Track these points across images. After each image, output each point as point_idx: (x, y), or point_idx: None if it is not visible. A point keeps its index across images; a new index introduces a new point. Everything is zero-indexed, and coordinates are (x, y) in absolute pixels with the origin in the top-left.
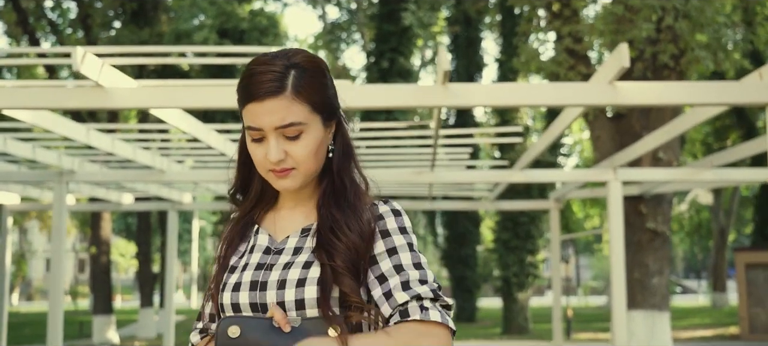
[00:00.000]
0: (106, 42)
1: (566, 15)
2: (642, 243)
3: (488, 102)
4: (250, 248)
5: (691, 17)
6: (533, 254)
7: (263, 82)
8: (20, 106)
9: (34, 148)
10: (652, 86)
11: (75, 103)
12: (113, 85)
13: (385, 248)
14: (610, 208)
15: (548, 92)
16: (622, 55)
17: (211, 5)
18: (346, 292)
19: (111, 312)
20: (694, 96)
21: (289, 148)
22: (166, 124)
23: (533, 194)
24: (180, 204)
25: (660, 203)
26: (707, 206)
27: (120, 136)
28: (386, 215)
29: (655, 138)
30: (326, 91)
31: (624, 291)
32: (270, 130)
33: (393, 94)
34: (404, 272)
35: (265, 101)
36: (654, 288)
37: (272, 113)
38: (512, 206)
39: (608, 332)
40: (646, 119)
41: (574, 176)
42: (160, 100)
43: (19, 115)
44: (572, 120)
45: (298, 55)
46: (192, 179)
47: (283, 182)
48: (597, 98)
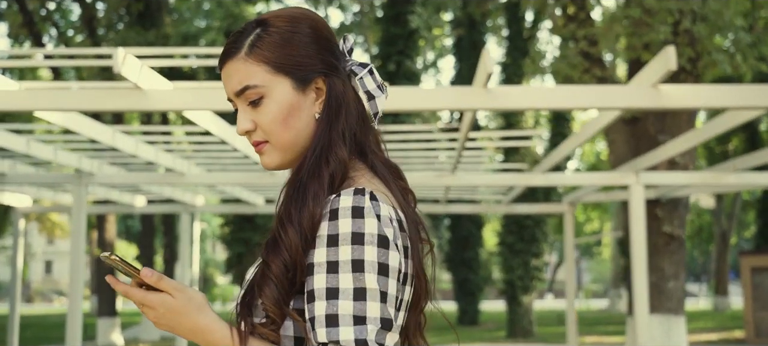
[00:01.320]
0: (111, 44)
1: (581, 18)
2: (658, 247)
3: (529, 105)
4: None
5: (708, 20)
6: (538, 257)
7: (225, 46)
8: (57, 107)
9: (56, 151)
10: (697, 89)
11: (113, 104)
12: (151, 86)
13: (325, 258)
14: (632, 212)
15: (589, 95)
16: (669, 57)
17: (218, 7)
18: (263, 302)
19: (115, 314)
20: (739, 99)
21: (254, 117)
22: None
23: (538, 198)
24: (193, 207)
25: (676, 207)
26: (709, 210)
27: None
28: (342, 214)
29: (682, 142)
30: (296, 48)
31: (646, 295)
32: (233, 97)
33: (433, 97)
34: (335, 300)
35: (224, 66)
36: (670, 292)
37: (229, 78)
38: (527, 210)
39: (614, 336)
40: (662, 123)
41: (595, 179)
42: (196, 101)
43: (51, 116)
44: (607, 123)
45: (275, 13)
46: (210, 181)
47: (262, 158)
48: (640, 101)
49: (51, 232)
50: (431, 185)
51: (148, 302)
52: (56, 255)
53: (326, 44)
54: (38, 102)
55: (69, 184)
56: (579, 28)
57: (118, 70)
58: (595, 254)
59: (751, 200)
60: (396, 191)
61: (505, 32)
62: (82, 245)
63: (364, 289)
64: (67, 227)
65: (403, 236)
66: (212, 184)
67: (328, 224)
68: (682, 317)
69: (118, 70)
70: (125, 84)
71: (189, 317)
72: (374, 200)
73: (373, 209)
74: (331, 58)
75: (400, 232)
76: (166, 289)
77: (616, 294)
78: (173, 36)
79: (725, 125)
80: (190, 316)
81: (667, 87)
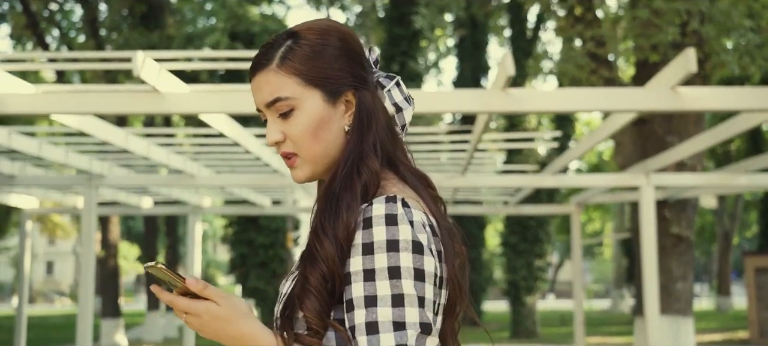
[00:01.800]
0: (115, 45)
1: (588, 19)
2: (666, 248)
3: (549, 107)
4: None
5: (716, 21)
6: (541, 258)
7: (255, 58)
8: (76, 111)
9: (67, 153)
10: (716, 92)
11: (132, 108)
12: (169, 90)
13: (361, 267)
14: (642, 213)
15: (608, 97)
16: (689, 60)
17: (222, 8)
18: (306, 314)
19: (119, 315)
20: (757, 101)
21: (284, 129)
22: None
23: (542, 199)
24: (199, 208)
25: (684, 208)
26: (711, 210)
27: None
28: (375, 222)
29: (695, 143)
30: (327, 61)
31: (656, 296)
32: (263, 108)
33: (452, 99)
34: (374, 308)
35: (254, 77)
36: (678, 293)
37: (259, 89)
38: (535, 211)
39: (617, 336)
40: (669, 124)
41: (605, 180)
42: (214, 104)
43: (67, 119)
44: (623, 125)
45: (306, 25)
46: (220, 183)
47: (293, 172)
48: (659, 104)
49: (52, 232)
50: (441, 186)
51: (193, 311)
52: (57, 256)
53: (356, 57)
54: (56, 105)
55: (79, 186)
56: (586, 29)
57: (138, 74)
58: (596, 254)
59: (753, 200)
60: (427, 198)
61: (508, 33)
62: (93, 247)
63: (401, 295)
64: (68, 227)
65: (436, 241)
66: (222, 185)
67: (362, 232)
68: (691, 318)
69: (138, 74)
70: (144, 87)
71: (234, 324)
72: (406, 207)
73: (406, 215)
74: (360, 71)
75: (433, 237)
76: (210, 297)
77: (618, 295)
78: (177, 37)
79: (738, 127)
80: (235, 323)
81: (685, 89)
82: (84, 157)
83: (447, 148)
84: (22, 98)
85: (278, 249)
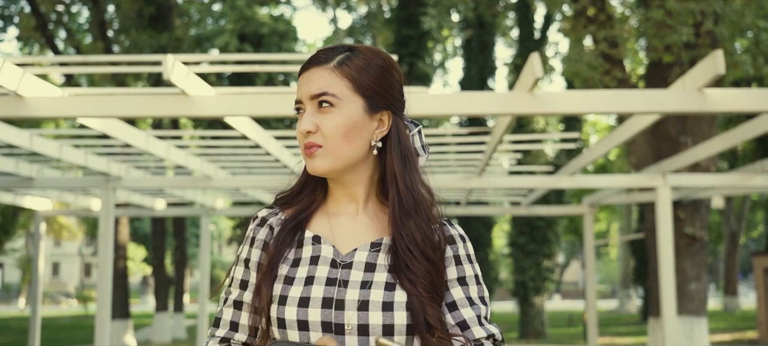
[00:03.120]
0: (123, 47)
1: (601, 19)
2: (680, 248)
3: (575, 110)
4: (311, 258)
5: (730, 22)
6: (550, 258)
7: (314, 56)
8: (102, 114)
9: (87, 155)
10: (743, 93)
11: (160, 111)
12: (197, 93)
13: (456, 275)
14: (659, 214)
15: (634, 99)
16: (718, 61)
17: (231, 10)
18: (432, 324)
19: (128, 317)
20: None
21: (319, 121)
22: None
23: (550, 200)
24: (212, 209)
25: (698, 209)
26: (718, 210)
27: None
28: (458, 240)
29: (713, 145)
30: (376, 78)
31: (673, 297)
32: (306, 99)
33: (477, 102)
34: (476, 305)
35: (308, 71)
36: (692, 294)
37: (310, 82)
38: (547, 212)
39: (625, 337)
40: (683, 124)
41: (621, 181)
42: (240, 107)
43: (90, 122)
44: (646, 126)
45: (365, 46)
46: (236, 185)
47: (311, 161)
48: (686, 105)
49: (58, 234)
50: (458, 187)
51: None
52: (63, 257)
53: (399, 86)
54: (84, 109)
55: (96, 188)
56: (599, 29)
57: (168, 77)
58: (602, 254)
59: (760, 200)
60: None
61: (515, 33)
62: (110, 249)
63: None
64: (74, 229)
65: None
66: (238, 187)
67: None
68: (704, 318)
69: (168, 77)
70: (172, 90)
71: None
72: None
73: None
74: (400, 99)
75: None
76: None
77: (625, 295)
78: (186, 39)
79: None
80: None
81: (712, 91)
82: (102, 159)
83: (457, 150)
84: (49, 101)
85: None
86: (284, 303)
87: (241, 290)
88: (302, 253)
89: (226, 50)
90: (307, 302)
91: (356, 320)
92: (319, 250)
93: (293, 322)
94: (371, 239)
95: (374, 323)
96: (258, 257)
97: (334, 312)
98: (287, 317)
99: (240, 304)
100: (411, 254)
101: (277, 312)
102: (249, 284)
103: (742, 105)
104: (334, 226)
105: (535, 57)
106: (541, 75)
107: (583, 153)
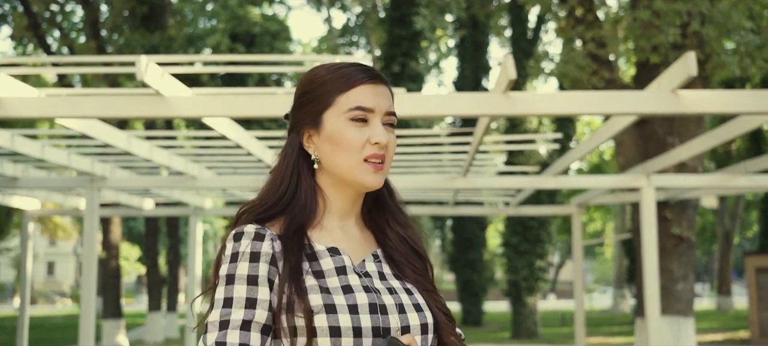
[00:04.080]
0: (116, 46)
1: (589, 20)
2: (667, 249)
3: (549, 111)
4: (336, 268)
5: (717, 22)
6: (543, 258)
7: (378, 73)
8: (79, 114)
9: (69, 155)
10: (717, 95)
11: (134, 111)
12: (173, 93)
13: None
14: (644, 214)
15: (608, 100)
16: (690, 63)
17: (223, 9)
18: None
19: (120, 316)
20: (757, 104)
21: (389, 138)
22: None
23: (543, 199)
24: (201, 210)
25: (685, 209)
26: (712, 210)
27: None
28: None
29: (695, 145)
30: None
31: (657, 297)
32: (380, 113)
33: (453, 103)
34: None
35: (379, 85)
36: (679, 294)
37: (386, 97)
38: (536, 212)
39: (618, 336)
40: (670, 125)
41: (606, 182)
42: (216, 108)
43: (69, 122)
44: (623, 127)
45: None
46: (221, 185)
47: (379, 175)
48: (659, 107)
49: (53, 233)
50: (443, 187)
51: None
52: (58, 256)
53: None
54: (59, 109)
55: (81, 188)
56: (587, 30)
57: (142, 78)
58: (597, 254)
59: (754, 200)
60: None
61: (509, 33)
62: (95, 248)
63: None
64: (69, 228)
65: None
66: (223, 187)
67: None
68: (691, 318)
69: (142, 78)
70: (147, 91)
71: None
72: None
73: None
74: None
75: None
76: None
77: (619, 295)
78: (178, 38)
79: (739, 129)
80: None
81: (685, 93)
82: (86, 159)
83: (448, 150)
84: (25, 102)
85: None
86: (335, 312)
87: (248, 310)
88: (321, 265)
89: (218, 50)
90: (356, 308)
91: (399, 323)
92: (340, 261)
93: (348, 329)
94: (371, 251)
95: (414, 323)
96: (267, 271)
97: (380, 317)
98: (342, 325)
99: (248, 324)
100: (411, 258)
101: (329, 321)
102: (258, 301)
103: (716, 106)
104: (335, 238)
105: (509, 59)
106: (513, 76)
107: (566, 154)
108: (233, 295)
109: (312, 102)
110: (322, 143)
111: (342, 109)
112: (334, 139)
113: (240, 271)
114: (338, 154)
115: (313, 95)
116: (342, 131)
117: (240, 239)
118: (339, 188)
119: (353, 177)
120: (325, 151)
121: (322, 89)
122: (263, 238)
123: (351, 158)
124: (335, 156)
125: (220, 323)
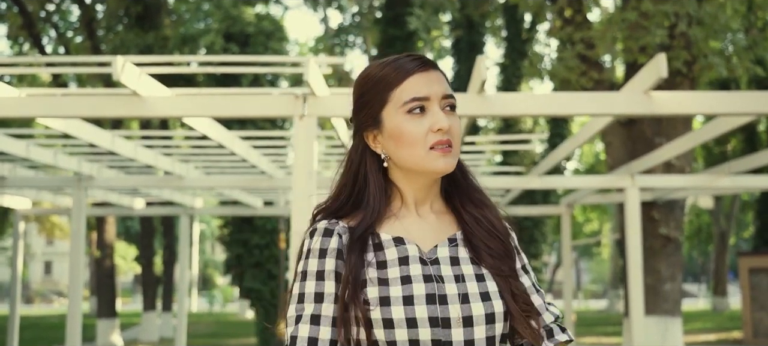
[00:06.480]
0: (111, 46)
1: (578, 21)
2: (654, 249)
3: (523, 111)
4: (399, 259)
5: (704, 24)
6: (537, 258)
7: (427, 59)
8: (58, 114)
9: (56, 154)
10: (689, 96)
11: (113, 111)
12: (150, 93)
13: (520, 264)
14: (628, 214)
15: (582, 101)
16: (660, 65)
17: (217, 9)
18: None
19: (115, 316)
20: (731, 106)
21: (450, 122)
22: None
23: (537, 199)
24: (192, 209)
25: (672, 209)
26: (707, 210)
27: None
28: (511, 231)
29: (678, 145)
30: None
31: (641, 297)
32: (437, 98)
33: None
34: (540, 292)
35: (431, 71)
36: (666, 294)
37: (440, 82)
38: (525, 212)
39: (612, 336)
40: (658, 126)
41: (591, 182)
42: (195, 109)
43: (51, 122)
44: (601, 128)
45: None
46: (209, 184)
47: (448, 159)
48: (632, 108)
49: (50, 233)
50: None
51: None
52: (56, 256)
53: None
54: (39, 109)
55: (69, 187)
56: (576, 30)
57: (118, 78)
58: (594, 254)
59: (750, 200)
60: None
61: (504, 33)
62: (82, 247)
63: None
64: (67, 228)
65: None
66: (211, 187)
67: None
68: (679, 318)
69: (118, 78)
70: (125, 90)
71: None
72: None
73: None
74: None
75: None
76: None
77: (615, 295)
78: (172, 38)
79: (722, 128)
80: None
81: (658, 94)
82: (73, 159)
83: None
84: (5, 101)
85: (273, 249)
86: (388, 303)
87: (316, 304)
88: (385, 255)
89: (212, 50)
90: (411, 299)
91: (460, 313)
92: (404, 251)
93: (402, 320)
94: (447, 236)
95: (477, 313)
96: (334, 266)
97: (439, 307)
98: (395, 317)
99: (317, 318)
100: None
101: (382, 313)
102: (325, 295)
103: (687, 108)
104: (407, 227)
105: (481, 60)
106: (485, 77)
107: (550, 154)
108: (305, 290)
109: (368, 103)
110: (387, 141)
111: (398, 104)
112: (395, 135)
113: (310, 267)
114: (403, 149)
115: (369, 96)
116: (402, 126)
117: (312, 236)
118: (411, 179)
119: (423, 167)
120: (390, 149)
121: (375, 89)
122: (332, 233)
123: (416, 151)
124: (401, 151)
125: (295, 318)
